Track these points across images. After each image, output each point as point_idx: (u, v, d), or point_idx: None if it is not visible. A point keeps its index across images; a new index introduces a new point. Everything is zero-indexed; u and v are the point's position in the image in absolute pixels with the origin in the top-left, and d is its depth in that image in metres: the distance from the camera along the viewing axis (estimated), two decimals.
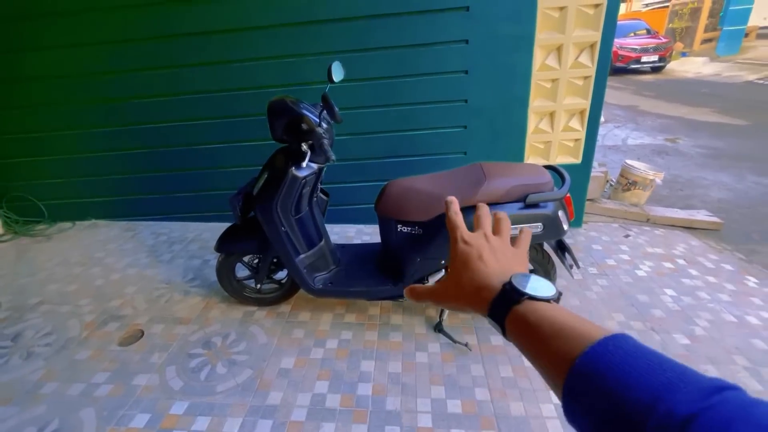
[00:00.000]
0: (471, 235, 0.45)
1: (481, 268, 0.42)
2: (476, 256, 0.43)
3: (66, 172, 3.18)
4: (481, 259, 0.43)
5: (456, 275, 0.43)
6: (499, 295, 0.38)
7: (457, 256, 0.44)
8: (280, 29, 2.58)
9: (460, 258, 0.44)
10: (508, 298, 0.37)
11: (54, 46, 2.73)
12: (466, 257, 0.43)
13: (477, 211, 0.49)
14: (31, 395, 1.70)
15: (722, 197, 3.76)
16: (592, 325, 0.32)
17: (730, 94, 8.31)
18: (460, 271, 0.43)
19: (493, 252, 0.44)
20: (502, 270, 0.42)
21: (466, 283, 0.42)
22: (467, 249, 0.44)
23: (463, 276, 0.42)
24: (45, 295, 2.39)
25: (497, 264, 0.43)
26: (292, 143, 1.69)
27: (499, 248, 0.45)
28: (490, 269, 0.42)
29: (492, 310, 0.38)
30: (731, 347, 1.88)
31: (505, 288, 0.38)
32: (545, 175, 1.69)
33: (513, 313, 0.36)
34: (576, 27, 2.46)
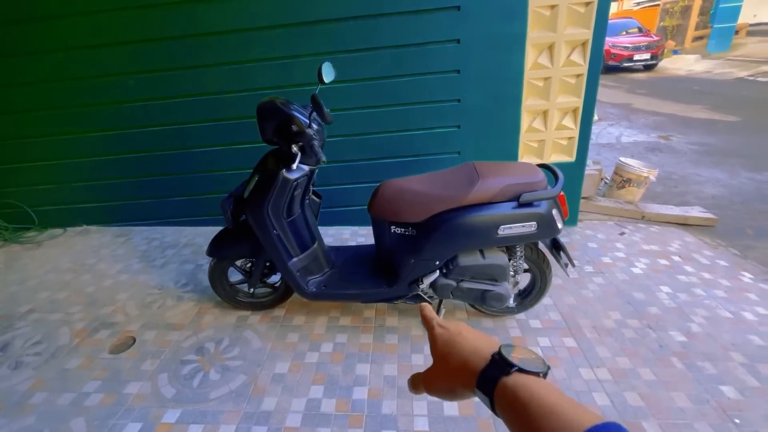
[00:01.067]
0: (445, 322, 0.48)
1: (464, 342, 0.43)
2: (456, 333, 0.44)
3: (56, 178, 3.14)
4: (462, 335, 0.44)
5: (441, 357, 0.43)
6: (489, 365, 0.38)
7: (437, 340, 0.45)
8: (273, 31, 2.56)
9: (441, 340, 0.45)
10: (497, 368, 0.37)
11: (42, 51, 2.70)
12: (446, 337, 0.44)
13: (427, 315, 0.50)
14: (20, 406, 1.67)
15: (716, 193, 3.77)
16: (582, 410, 0.32)
17: (722, 91, 8.36)
18: (444, 351, 0.43)
19: (471, 330, 0.46)
20: (486, 341, 0.43)
21: (453, 359, 0.42)
22: (445, 331, 0.45)
23: (449, 355, 0.43)
24: (35, 302, 2.35)
25: (479, 337, 0.44)
26: (282, 145, 1.67)
27: (474, 330, 0.47)
28: (475, 341, 0.43)
29: (481, 380, 0.38)
30: (728, 344, 1.88)
31: (494, 358, 0.38)
32: (538, 173, 1.68)
33: (502, 385, 0.36)
34: (567, 25, 2.46)
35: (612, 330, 1.99)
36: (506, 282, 1.80)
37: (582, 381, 1.71)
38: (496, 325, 2.05)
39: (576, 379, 1.72)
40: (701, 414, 1.54)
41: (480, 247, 1.72)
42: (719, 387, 1.65)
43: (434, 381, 0.44)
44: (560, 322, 2.06)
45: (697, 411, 1.56)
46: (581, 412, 0.32)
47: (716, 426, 1.50)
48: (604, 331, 1.99)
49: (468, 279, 1.79)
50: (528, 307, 2.04)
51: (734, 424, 1.50)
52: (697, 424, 1.51)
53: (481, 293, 1.79)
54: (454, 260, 1.74)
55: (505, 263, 1.75)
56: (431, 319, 0.49)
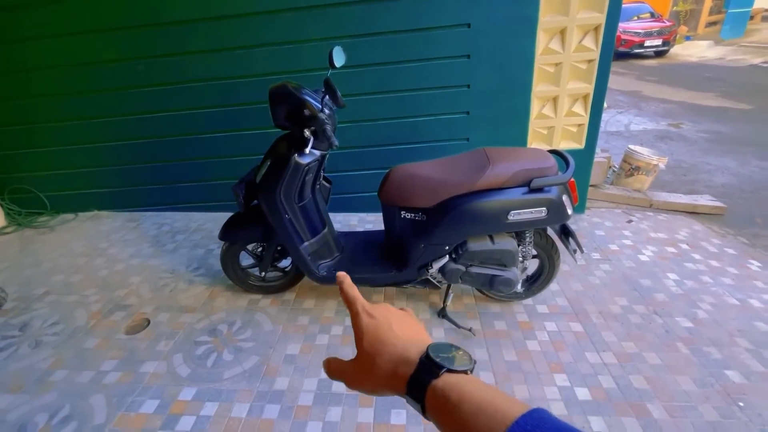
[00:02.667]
0: (373, 307, 0.43)
1: (394, 340, 0.39)
2: (386, 327, 0.40)
3: (68, 163, 3.17)
4: (392, 330, 0.40)
5: (369, 354, 0.39)
6: (418, 369, 0.36)
7: (364, 331, 0.40)
8: (280, 15, 2.54)
9: (370, 332, 0.40)
10: (426, 371, 0.35)
11: (52, 36, 2.70)
12: (375, 330, 0.40)
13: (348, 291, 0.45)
14: (41, 383, 1.73)
15: (726, 182, 3.74)
16: (511, 402, 0.31)
17: (734, 78, 8.20)
18: (371, 350, 0.39)
19: (400, 320, 0.42)
20: (414, 339, 0.39)
21: (381, 362, 0.38)
22: (373, 322, 0.41)
23: (378, 354, 0.38)
24: (50, 285, 2.40)
25: (408, 333, 0.40)
26: (294, 130, 1.68)
27: (404, 316, 0.43)
28: (405, 340, 0.39)
29: (411, 386, 0.36)
30: (734, 330, 1.89)
31: (422, 361, 0.36)
32: (549, 159, 1.68)
33: (432, 389, 0.34)
34: (580, 9, 2.42)
35: (618, 315, 2.01)
36: (515, 267, 1.82)
37: (588, 365, 1.74)
38: (503, 310, 2.07)
39: (582, 362, 1.75)
40: (705, 397, 1.57)
41: (490, 232, 1.74)
42: (724, 371, 1.68)
43: (358, 380, 0.40)
44: (567, 308, 2.08)
45: (702, 394, 1.58)
46: (510, 404, 0.31)
47: (720, 409, 1.52)
48: (610, 316, 2.01)
49: (477, 264, 1.80)
50: (535, 292, 2.06)
51: (738, 408, 1.52)
52: (701, 406, 1.53)
53: (490, 278, 1.81)
54: (464, 245, 1.76)
55: (515, 249, 1.77)
56: (355, 301, 0.43)
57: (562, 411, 1.54)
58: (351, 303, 0.44)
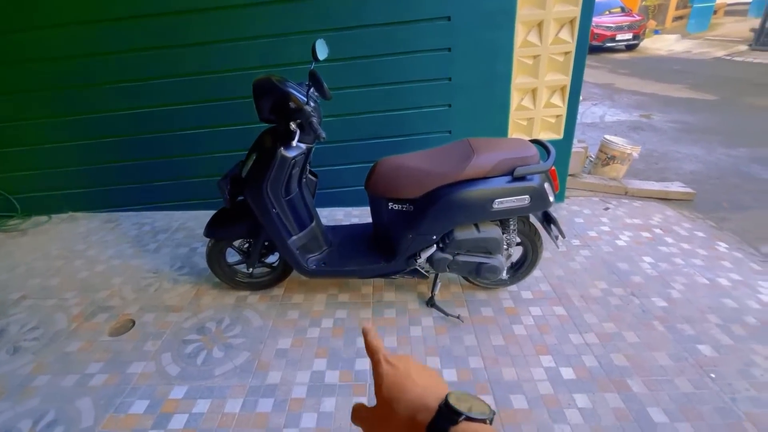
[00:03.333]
0: (394, 357, 0.43)
1: (412, 387, 0.40)
2: (405, 376, 0.41)
3: (39, 164, 3.05)
4: (411, 378, 0.41)
5: (387, 400, 0.40)
6: (436, 416, 0.36)
7: (383, 379, 0.41)
8: (261, 8, 2.50)
9: (389, 379, 0.41)
10: (444, 418, 0.35)
11: (22, 29, 2.57)
12: (394, 377, 0.41)
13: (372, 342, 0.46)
14: (23, 388, 1.68)
15: (694, 169, 3.92)
16: None
17: (701, 71, 8.55)
18: (390, 397, 0.40)
19: (419, 370, 0.42)
20: (433, 388, 0.40)
21: (400, 408, 0.38)
22: (393, 371, 0.41)
23: (396, 400, 0.39)
24: (27, 289, 2.32)
25: (427, 382, 0.41)
26: (279, 123, 1.67)
27: (424, 368, 0.44)
28: (423, 387, 0.40)
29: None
30: (704, 307, 2.00)
31: (441, 408, 0.36)
32: (531, 148, 1.73)
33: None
34: (556, 2, 2.48)
35: (598, 298, 2.10)
36: (500, 255, 1.87)
37: (572, 345, 1.81)
38: (489, 297, 2.13)
39: (566, 343, 1.82)
40: (680, 370, 1.66)
41: (476, 220, 1.78)
42: (697, 346, 1.78)
43: (378, 427, 0.41)
44: (550, 293, 2.15)
45: (677, 368, 1.68)
46: None
47: (694, 381, 1.62)
48: (591, 299, 2.09)
49: (464, 252, 1.85)
50: (520, 279, 2.12)
51: (710, 379, 1.62)
52: (677, 379, 1.63)
53: (476, 266, 1.86)
54: (451, 234, 1.80)
55: (500, 236, 1.82)
56: (377, 351, 0.44)
57: (548, 390, 1.60)
58: (374, 352, 0.44)
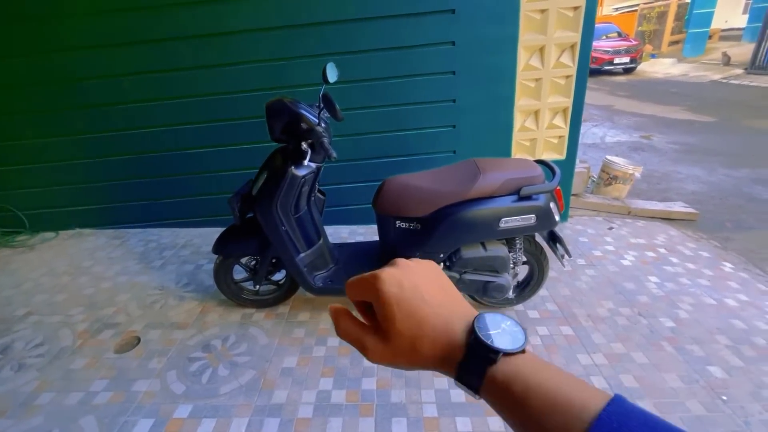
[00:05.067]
0: (393, 272, 0.35)
1: (434, 318, 0.33)
2: (419, 300, 0.34)
3: (47, 181, 3.10)
4: (426, 302, 0.34)
5: (406, 337, 0.33)
6: (468, 356, 0.31)
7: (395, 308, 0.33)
8: (269, 32, 2.60)
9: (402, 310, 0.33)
10: (479, 357, 0.30)
11: (35, 52, 2.67)
12: (408, 306, 0.33)
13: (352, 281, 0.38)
14: (26, 407, 1.66)
15: (696, 189, 3.95)
16: (585, 388, 0.28)
17: (698, 93, 8.72)
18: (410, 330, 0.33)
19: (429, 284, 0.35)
20: (455, 310, 0.34)
21: (425, 346, 0.33)
22: (405, 295, 0.34)
23: (417, 337, 0.33)
24: (32, 305, 2.32)
25: (445, 301, 0.35)
26: (290, 143, 1.72)
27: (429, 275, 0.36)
28: (445, 314, 0.33)
29: (461, 374, 0.31)
30: (713, 328, 1.99)
31: (471, 344, 0.31)
32: (536, 168, 1.76)
33: (490, 379, 0.30)
34: (557, 28, 2.57)
35: (606, 318, 2.09)
36: (507, 273, 1.87)
37: (580, 366, 1.80)
38: None
39: (574, 364, 1.81)
40: (692, 393, 1.64)
41: (482, 239, 1.80)
42: (707, 368, 1.76)
43: (391, 360, 0.34)
44: (557, 312, 2.14)
45: (688, 390, 1.65)
46: (585, 393, 0.28)
47: (706, 403, 1.59)
48: (598, 319, 2.08)
49: (470, 271, 1.85)
50: (526, 298, 2.12)
51: (722, 401, 1.60)
52: (689, 402, 1.60)
53: (483, 285, 1.86)
54: (457, 253, 1.81)
55: (506, 255, 1.83)
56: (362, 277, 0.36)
57: None
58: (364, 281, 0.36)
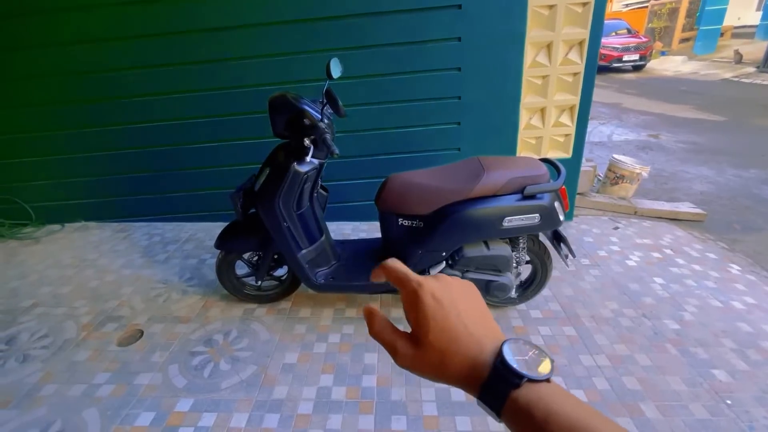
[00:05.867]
0: (434, 285, 0.36)
1: (467, 338, 0.34)
2: (455, 317, 0.34)
3: (54, 174, 3.12)
4: (461, 320, 0.34)
5: (437, 351, 0.34)
6: (493, 376, 0.32)
7: (430, 320, 0.34)
8: (274, 27, 2.58)
9: (437, 323, 0.34)
10: (503, 380, 0.31)
11: (40, 45, 2.67)
12: (443, 321, 0.34)
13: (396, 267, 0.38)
14: (31, 398, 1.68)
15: (704, 190, 3.90)
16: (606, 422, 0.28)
17: (708, 92, 8.59)
18: (442, 344, 0.34)
19: (466, 303, 0.36)
20: (487, 333, 0.35)
21: (454, 363, 0.33)
22: (441, 309, 0.35)
23: (448, 353, 0.34)
24: (38, 297, 2.34)
25: (479, 323, 0.35)
26: (293, 139, 1.71)
27: (467, 295, 0.37)
28: (477, 336, 0.34)
29: (484, 394, 0.32)
30: (719, 331, 1.97)
31: (497, 367, 0.32)
32: (541, 167, 1.74)
33: (512, 401, 0.30)
34: (565, 25, 2.53)
35: (609, 319, 2.07)
36: (509, 273, 1.86)
37: (582, 367, 1.78)
38: (498, 315, 2.11)
39: (576, 365, 1.79)
40: (695, 396, 1.62)
41: (485, 238, 1.78)
42: (711, 371, 1.74)
43: (420, 369, 0.35)
44: (560, 312, 2.13)
45: (692, 393, 1.64)
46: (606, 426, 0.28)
47: (709, 407, 1.58)
48: (601, 320, 2.07)
49: (473, 270, 1.84)
50: (529, 297, 2.10)
51: (726, 405, 1.58)
52: (692, 405, 1.59)
53: (486, 284, 1.85)
54: (460, 251, 1.80)
55: (509, 254, 1.82)
56: (408, 277, 0.37)
57: None
58: (404, 280, 0.37)
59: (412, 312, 0.36)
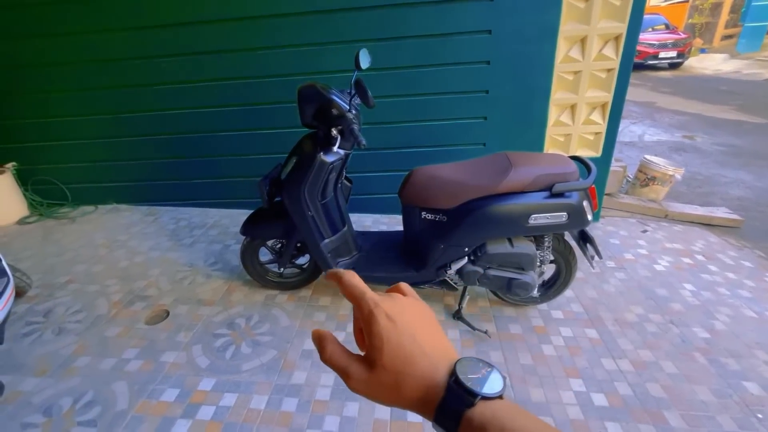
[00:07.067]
0: (389, 305, 0.35)
1: (421, 359, 0.33)
2: (409, 338, 0.34)
3: (89, 156, 3.25)
4: (416, 342, 0.34)
5: (391, 373, 0.33)
6: (446, 398, 0.31)
7: (384, 341, 0.33)
8: (303, 17, 2.59)
9: (391, 345, 0.33)
10: (457, 400, 0.31)
11: (79, 32, 2.77)
12: (397, 342, 0.33)
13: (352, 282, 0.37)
14: (65, 368, 1.77)
15: (742, 195, 3.71)
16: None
17: (750, 92, 8.13)
18: (396, 367, 0.33)
19: (422, 324, 0.36)
20: (441, 354, 0.34)
21: (408, 386, 0.33)
22: (395, 329, 0.34)
23: (402, 374, 0.33)
24: (73, 274, 2.46)
25: (433, 344, 0.35)
26: (321, 129, 1.72)
27: (421, 316, 0.37)
28: (431, 357, 0.33)
29: (439, 415, 0.32)
30: (752, 342, 1.88)
31: (451, 386, 0.31)
32: (571, 165, 1.70)
33: (467, 421, 0.30)
34: (602, 18, 2.44)
35: (634, 323, 2.01)
36: (532, 271, 1.83)
37: (604, 371, 1.74)
38: (518, 314, 2.08)
39: (598, 368, 1.76)
40: (724, 407, 1.57)
41: (510, 235, 1.76)
42: (742, 383, 1.67)
43: (373, 393, 0.34)
44: (582, 314, 2.08)
45: (720, 404, 1.58)
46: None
47: (738, 420, 1.52)
48: (626, 324, 2.01)
49: (495, 267, 1.82)
50: (551, 297, 2.07)
51: (757, 419, 1.52)
52: (720, 417, 1.53)
53: (507, 281, 1.83)
54: (483, 247, 1.78)
55: (533, 252, 1.78)
56: (363, 295, 0.36)
57: (578, 416, 1.54)
58: (359, 298, 0.36)
59: (367, 331, 0.34)
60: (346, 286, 0.37)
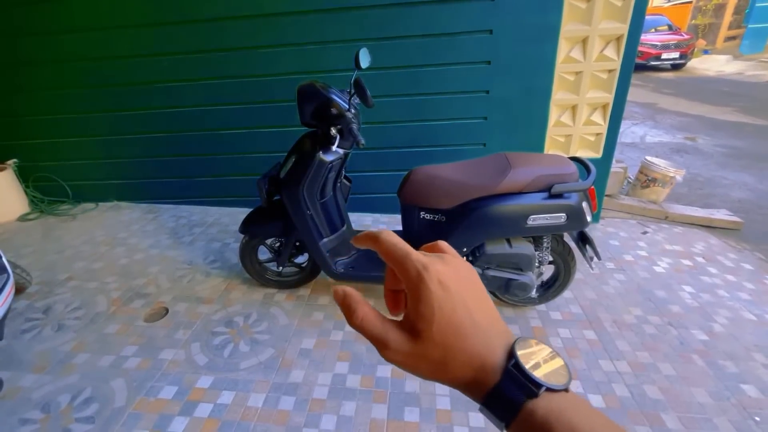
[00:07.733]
0: (441, 269, 0.30)
1: (474, 336, 0.29)
2: (462, 309, 0.29)
3: (90, 154, 3.25)
4: (469, 313, 0.29)
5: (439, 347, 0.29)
6: (505, 381, 0.27)
7: (435, 311, 0.29)
8: (304, 16, 2.59)
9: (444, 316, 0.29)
10: (518, 386, 0.27)
11: (80, 29, 2.78)
12: (450, 313, 0.29)
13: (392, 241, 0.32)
14: (64, 365, 1.78)
15: (743, 197, 3.70)
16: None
17: (753, 94, 8.11)
18: (446, 340, 0.29)
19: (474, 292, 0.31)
20: (495, 330, 0.30)
21: (458, 362, 0.29)
22: (448, 298, 0.29)
23: (452, 349, 0.29)
24: (73, 271, 2.47)
25: (487, 317, 0.30)
26: (320, 128, 1.72)
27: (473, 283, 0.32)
28: (486, 333, 0.29)
29: (492, 401, 0.28)
30: (750, 345, 1.88)
31: (510, 371, 0.28)
32: (570, 165, 1.69)
33: (528, 413, 0.26)
34: (603, 19, 2.43)
35: (632, 325, 2.01)
36: (531, 272, 1.83)
37: (602, 372, 1.74)
38: (516, 315, 2.08)
39: (596, 369, 1.75)
40: (721, 410, 1.56)
41: (509, 235, 1.75)
42: (740, 385, 1.67)
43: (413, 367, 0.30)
44: (580, 315, 2.08)
45: (717, 407, 1.58)
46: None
47: (736, 422, 1.52)
48: (624, 325, 2.01)
49: (494, 267, 1.82)
50: (549, 298, 2.07)
51: (754, 422, 1.52)
52: (717, 419, 1.53)
53: (506, 282, 1.83)
54: (481, 248, 1.78)
55: (532, 253, 1.78)
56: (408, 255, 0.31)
57: None
58: (402, 258, 0.30)
59: (414, 299, 0.30)
60: (385, 247, 0.31)
